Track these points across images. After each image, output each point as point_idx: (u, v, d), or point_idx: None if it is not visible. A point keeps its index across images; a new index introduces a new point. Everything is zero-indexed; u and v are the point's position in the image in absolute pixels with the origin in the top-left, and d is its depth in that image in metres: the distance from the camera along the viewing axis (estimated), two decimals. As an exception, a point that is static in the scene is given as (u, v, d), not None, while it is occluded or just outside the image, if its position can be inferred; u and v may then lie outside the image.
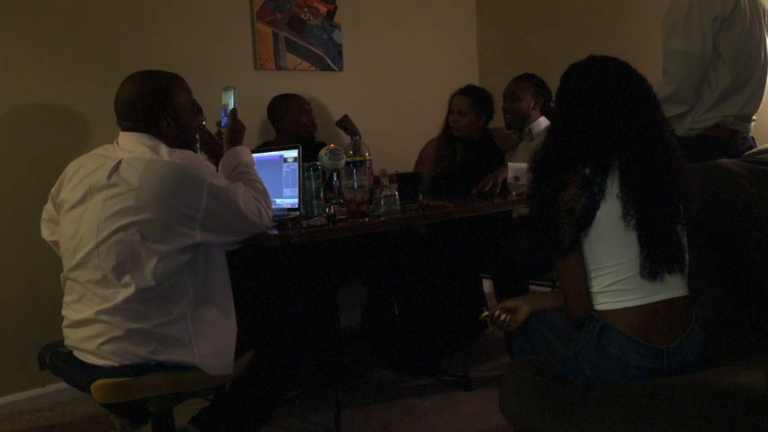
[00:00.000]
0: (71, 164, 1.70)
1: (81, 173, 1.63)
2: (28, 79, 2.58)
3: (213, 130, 2.09)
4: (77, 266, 1.60)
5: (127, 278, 1.53)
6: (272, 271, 2.51)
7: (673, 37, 2.22)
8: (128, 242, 1.52)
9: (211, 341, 1.60)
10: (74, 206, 1.62)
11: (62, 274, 1.68)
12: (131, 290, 1.52)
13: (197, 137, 1.85)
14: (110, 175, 1.56)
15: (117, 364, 1.55)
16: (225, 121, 1.99)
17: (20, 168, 2.58)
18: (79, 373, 1.60)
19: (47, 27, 2.62)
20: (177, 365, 1.57)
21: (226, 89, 2.02)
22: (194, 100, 1.78)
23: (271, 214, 1.76)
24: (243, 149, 1.90)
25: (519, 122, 2.85)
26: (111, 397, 1.54)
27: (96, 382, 1.52)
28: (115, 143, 1.67)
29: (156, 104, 1.64)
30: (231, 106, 1.98)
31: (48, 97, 2.63)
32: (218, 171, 1.72)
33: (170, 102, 1.66)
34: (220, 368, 1.61)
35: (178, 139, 1.68)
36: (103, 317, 1.55)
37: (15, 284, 2.56)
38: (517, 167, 2.61)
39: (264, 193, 1.79)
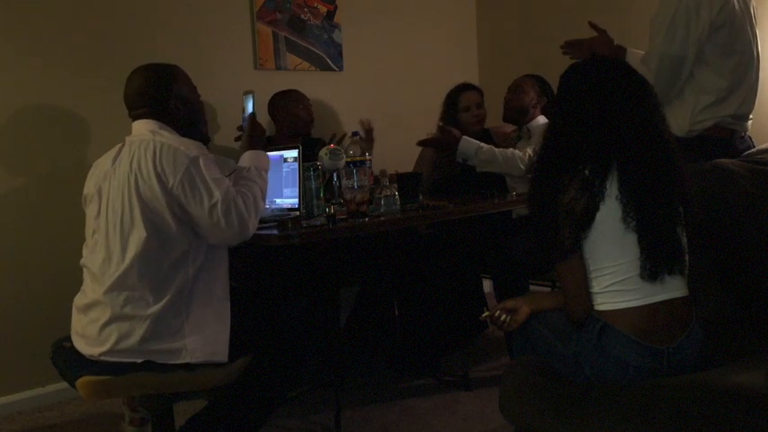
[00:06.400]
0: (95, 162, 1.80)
1: (97, 165, 1.75)
2: (27, 79, 2.58)
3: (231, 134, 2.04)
4: (91, 251, 1.68)
5: (125, 254, 1.59)
6: (272, 271, 2.51)
7: (659, 38, 2.21)
8: (127, 220, 1.59)
9: (204, 327, 1.61)
10: (92, 198, 1.71)
11: (81, 261, 1.74)
12: (126, 264, 1.57)
13: (205, 118, 1.92)
14: (113, 161, 1.67)
15: (108, 348, 1.57)
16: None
17: (20, 169, 2.58)
18: (70, 370, 1.62)
19: (46, 27, 2.61)
20: (165, 358, 1.57)
21: (245, 93, 2.03)
22: (195, 86, 1.87)
23: (251, 223, 1.66)
24: (254, 154, 1.89)
25: (518, 116, 2.85)
26: (95, 394, 1.57)
27: (81, 379, 1.55)
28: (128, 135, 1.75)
29: (163, 88, 1.75)
30: (249, 110, 1.98)
31: (47, 97, 2.63)
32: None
33: (175, 85, 1.77)
34: (210, 356, 1.60)
35: (188, 118, 1.79)
36: (104, 297, 1.59)
37: (15, 285, 2.56)
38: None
39: (253, 199, 1.69)
